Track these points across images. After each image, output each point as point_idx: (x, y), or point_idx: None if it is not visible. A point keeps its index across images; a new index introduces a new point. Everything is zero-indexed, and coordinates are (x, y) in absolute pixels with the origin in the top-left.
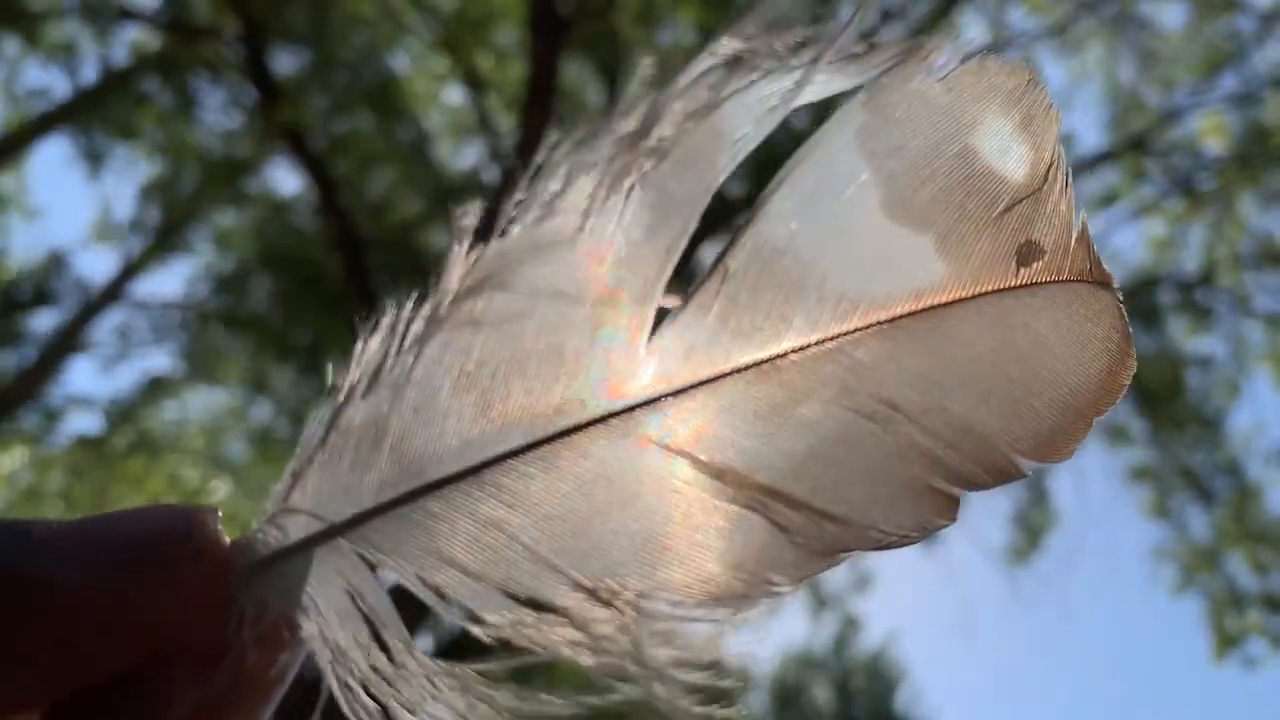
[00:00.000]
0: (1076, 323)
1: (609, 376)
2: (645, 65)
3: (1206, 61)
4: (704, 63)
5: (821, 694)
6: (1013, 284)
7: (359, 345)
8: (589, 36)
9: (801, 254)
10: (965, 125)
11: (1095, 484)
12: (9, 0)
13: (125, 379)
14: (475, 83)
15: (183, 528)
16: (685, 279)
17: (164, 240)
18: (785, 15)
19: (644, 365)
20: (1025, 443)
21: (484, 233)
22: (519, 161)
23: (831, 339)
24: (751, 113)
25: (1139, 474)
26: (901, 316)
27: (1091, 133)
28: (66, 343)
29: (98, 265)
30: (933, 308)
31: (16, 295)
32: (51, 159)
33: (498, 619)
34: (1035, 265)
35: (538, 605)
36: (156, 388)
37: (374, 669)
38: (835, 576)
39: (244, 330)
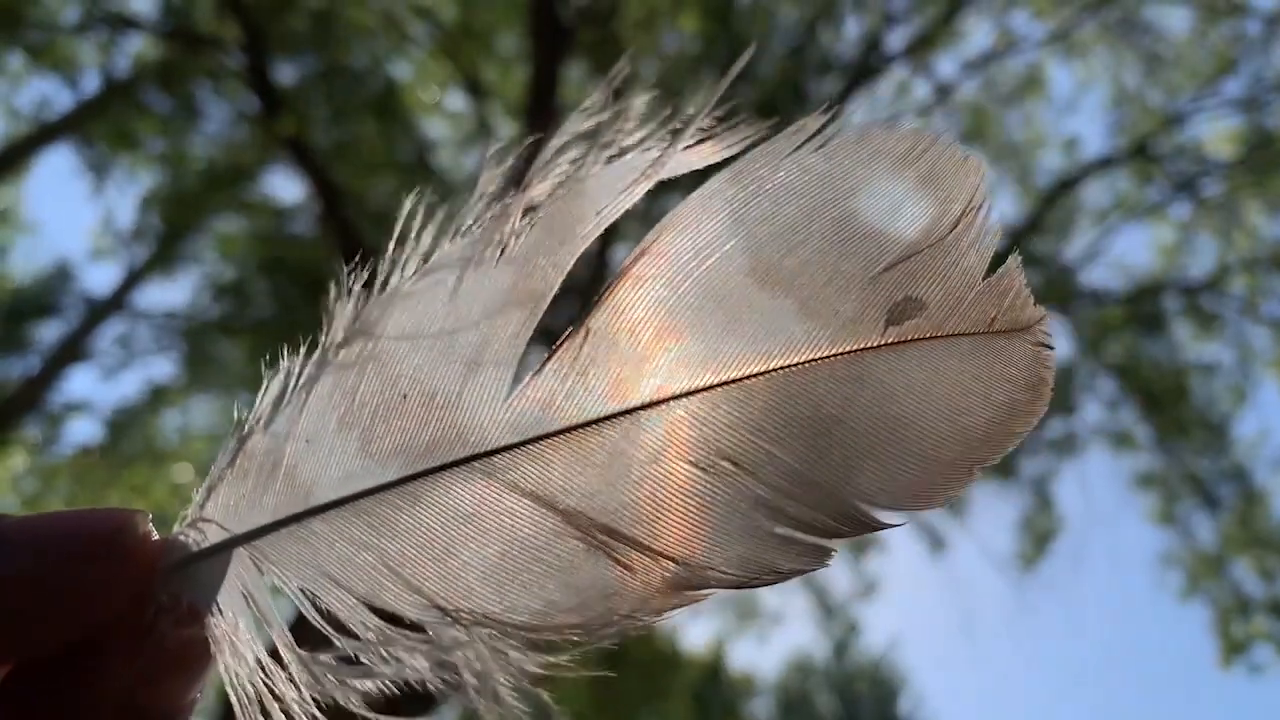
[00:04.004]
0: (947, 376)
1: (474, 424)
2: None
3: (1212, 66)
4: (574, 134)
5: (825, 700)
6: (876, 344)
7: (265, 381)
8: (591, 43)
9: (661, 316)
10: (845, 191)
11: (1101, 490)
12: (11, 12)
13: (128, 387)
14: (477, 90)
15: (117, 527)
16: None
17: (166, 249)
18: (654, 93)
19: (506, 415)
20: (879, 493)
21: (371, 284)
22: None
23: (678, 396)
24: (616, 185)
25: (1145, 480)
26: (750, 377)
27: (1096, 137)
28: (69, 352)
29: (100, 275)
30: (783, 369)
31: (20, 305)
32: (54, 170)
33: (361, 630)
34: (910, 322)
35: (397, 620)
36: (159, 396)
37: (258, 661)
38: (840, 582)
39: (246, 338)
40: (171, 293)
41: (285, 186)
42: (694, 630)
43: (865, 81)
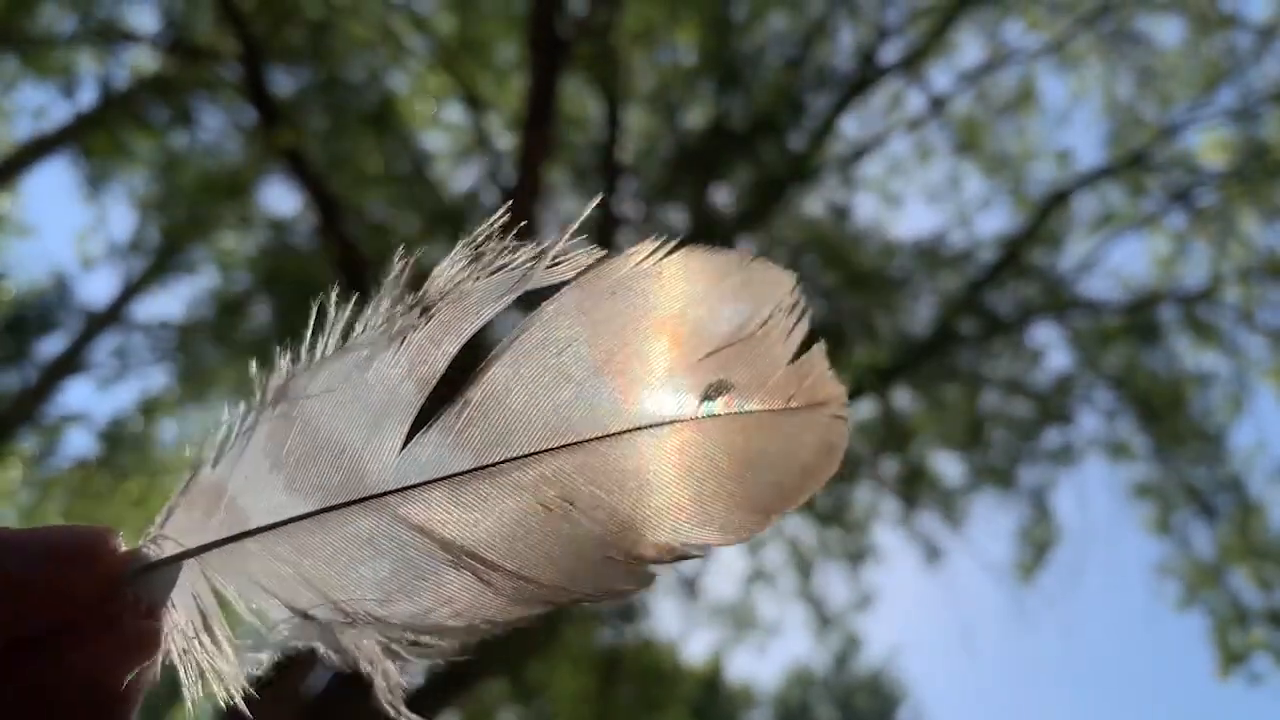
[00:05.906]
0: (751, 442)
1: (373, 471)
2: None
3: (1204, 77)
4: (462, 254)
5: (825, 712)
6: (691, 416)
7: (218, 426)
8: (588, 56)
9: (523, 392)
10: (670, 297)
11: (1098, 500)
12: (9, 23)
13: (124, 399)
14: (475, 103)
15: (94, 539)
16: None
17: (163, 261)
18: (523, 225)
19: (398, 465)
20: (689, 532)
21: (298, 358)
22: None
23: (533, 454)
24: (492, 294)
25: (1142, 490)
26: (589, 440)
27: (1090, 149)
28: (66, 364)
29: (97, 287)
30: (616, 434)
31: (17, 317)
32: (52, 181)
33: (283, 627)
34: (720, 399)
35: (309, 618)
36: (155, 408)
37: (201, 646)
38: (838, 593)
39: (243, 350)
40: (168, 304)
41: (283, 198)
42: (693, 642)
43: (860, 93)
